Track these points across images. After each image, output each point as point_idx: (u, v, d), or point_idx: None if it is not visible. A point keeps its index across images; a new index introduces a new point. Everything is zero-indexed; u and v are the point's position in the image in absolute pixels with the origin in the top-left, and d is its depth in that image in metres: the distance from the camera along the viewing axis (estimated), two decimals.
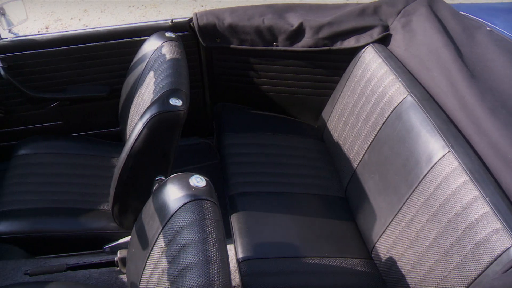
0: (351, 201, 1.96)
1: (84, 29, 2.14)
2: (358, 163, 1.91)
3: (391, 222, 1.64)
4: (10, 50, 2.12)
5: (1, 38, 2.10)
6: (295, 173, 2.04)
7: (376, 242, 1.73)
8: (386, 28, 2.04)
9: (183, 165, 2.43)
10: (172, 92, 1.54)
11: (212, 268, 1.03)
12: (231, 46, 2.15)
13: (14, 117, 2.37)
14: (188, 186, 1.21)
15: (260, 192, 1.93)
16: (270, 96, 2.34)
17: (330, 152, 2.19)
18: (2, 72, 2.11)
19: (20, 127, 2.43)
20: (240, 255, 1.70)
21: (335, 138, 2.13)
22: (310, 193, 1.98)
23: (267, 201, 1.91)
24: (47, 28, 4.68)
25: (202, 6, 4.89)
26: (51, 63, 2.19)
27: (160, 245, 1.21)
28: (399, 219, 1.60)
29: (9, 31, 2.12)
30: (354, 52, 2.09)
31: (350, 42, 2.06)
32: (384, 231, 1.68)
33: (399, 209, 1.60)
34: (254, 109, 2.40)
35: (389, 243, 1.65)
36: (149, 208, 1.31)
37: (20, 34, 2.17)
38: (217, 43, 2.15)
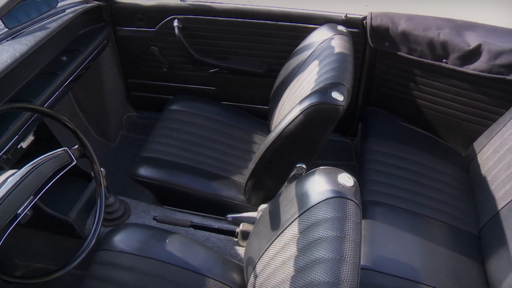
0: (485, 242, 1.83)
1: (258, 6, 2.20)
2: (504, 205, 1.77)
3: None
4: (188, 13, 2.25)
5: (183, 0, 2.24)
6: (432, 196, 1.95)
7: None
8: None
9: (319, 159, 2.43)
10: (335, 85, 1.53)
11: (344, 269, 1.02)
12: (399, 53, 2.09)
13: (174, 73, 2.53)
14: (335, 182, 1.20)
15: (392, 206, 1.87)
16: (424, 112, 2.24)
17: (473, 185, 2.06)
18: (176, 31, 2.25)
19: (177, 84, 2.58)
20: None
21: (483, 172, 2.00)
22: (442, 221, 1.88)
23: (397, 216, 1.84)
24: None
25: (367, 6, 4.81)
26: (219, 31, 2.29)
27: (292, 230, 1.22)
28: None
29: None
30: None
31: None
32: None
33: None
34: (403, 121, 2.32)
35: None
36: (289, 192, 1.32)
37: (200, 0, 2.29)
38: (385, 47, 2.10)
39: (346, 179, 1.21)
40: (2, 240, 1.27)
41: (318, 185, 1.21)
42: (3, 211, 1.27)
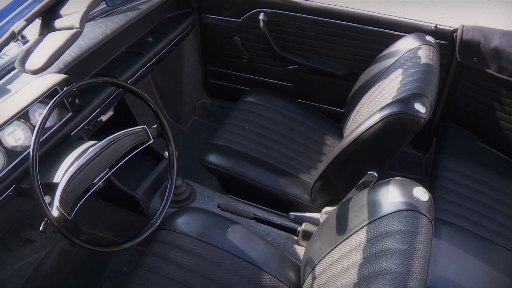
0: None
1: (346, 7, 2.17)
2: None
3: None
4: (275, 7, 2.26)
5: None
6: (503, 224, 1.86)
7: None
8: None
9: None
10: (419, 96, 1.49)
11: (410, 284, 0.99)
12: (487, 70, 2.00)
13: (253, 66, 2.54)
14: (410, 194, 1.17)
15: (460, 227, 1.80)
16: (505, 135, 2.14)
17: None
18: (261, 24, 2.27)
19: (254, 76, 2.60)
20: None
21: None
22: None
23: (464, 239, 1.77)
24: None
25: (453, 17, 4.67)
26: (304, 28, 2.28)
27: (359, 237, 1.20)
28: None
29: None
30: None
31: None
32: None
33: None
34: (481, 141, 2.22)
35: None
36: (360, 198, 1.30)
37: None
38: (473, 62, 2.02)
39: (422, 193, 1.18)
40: (78, 205, 1.33)
41: (392, 196, 1.19)
42: (82, 178, 1.33)
